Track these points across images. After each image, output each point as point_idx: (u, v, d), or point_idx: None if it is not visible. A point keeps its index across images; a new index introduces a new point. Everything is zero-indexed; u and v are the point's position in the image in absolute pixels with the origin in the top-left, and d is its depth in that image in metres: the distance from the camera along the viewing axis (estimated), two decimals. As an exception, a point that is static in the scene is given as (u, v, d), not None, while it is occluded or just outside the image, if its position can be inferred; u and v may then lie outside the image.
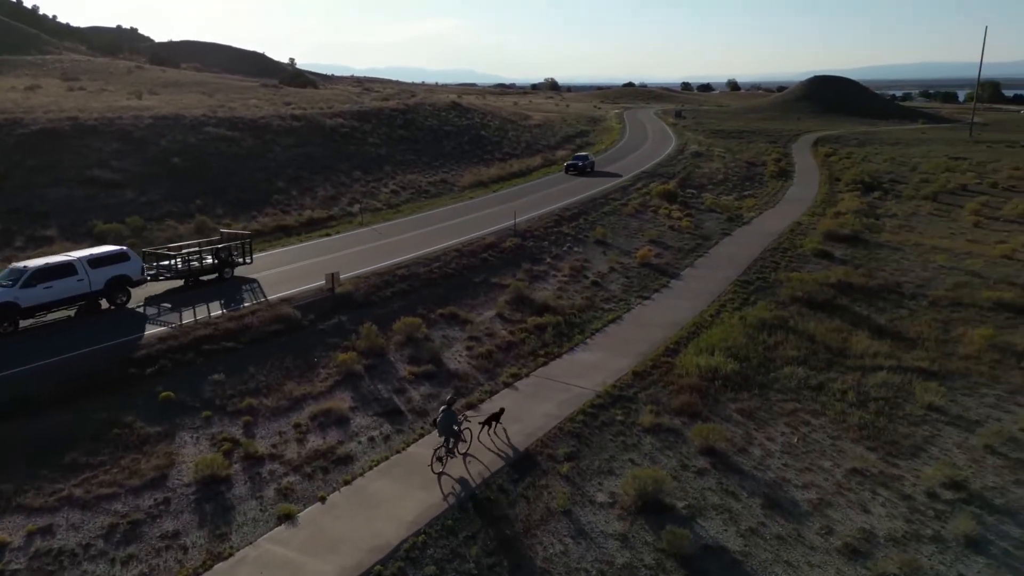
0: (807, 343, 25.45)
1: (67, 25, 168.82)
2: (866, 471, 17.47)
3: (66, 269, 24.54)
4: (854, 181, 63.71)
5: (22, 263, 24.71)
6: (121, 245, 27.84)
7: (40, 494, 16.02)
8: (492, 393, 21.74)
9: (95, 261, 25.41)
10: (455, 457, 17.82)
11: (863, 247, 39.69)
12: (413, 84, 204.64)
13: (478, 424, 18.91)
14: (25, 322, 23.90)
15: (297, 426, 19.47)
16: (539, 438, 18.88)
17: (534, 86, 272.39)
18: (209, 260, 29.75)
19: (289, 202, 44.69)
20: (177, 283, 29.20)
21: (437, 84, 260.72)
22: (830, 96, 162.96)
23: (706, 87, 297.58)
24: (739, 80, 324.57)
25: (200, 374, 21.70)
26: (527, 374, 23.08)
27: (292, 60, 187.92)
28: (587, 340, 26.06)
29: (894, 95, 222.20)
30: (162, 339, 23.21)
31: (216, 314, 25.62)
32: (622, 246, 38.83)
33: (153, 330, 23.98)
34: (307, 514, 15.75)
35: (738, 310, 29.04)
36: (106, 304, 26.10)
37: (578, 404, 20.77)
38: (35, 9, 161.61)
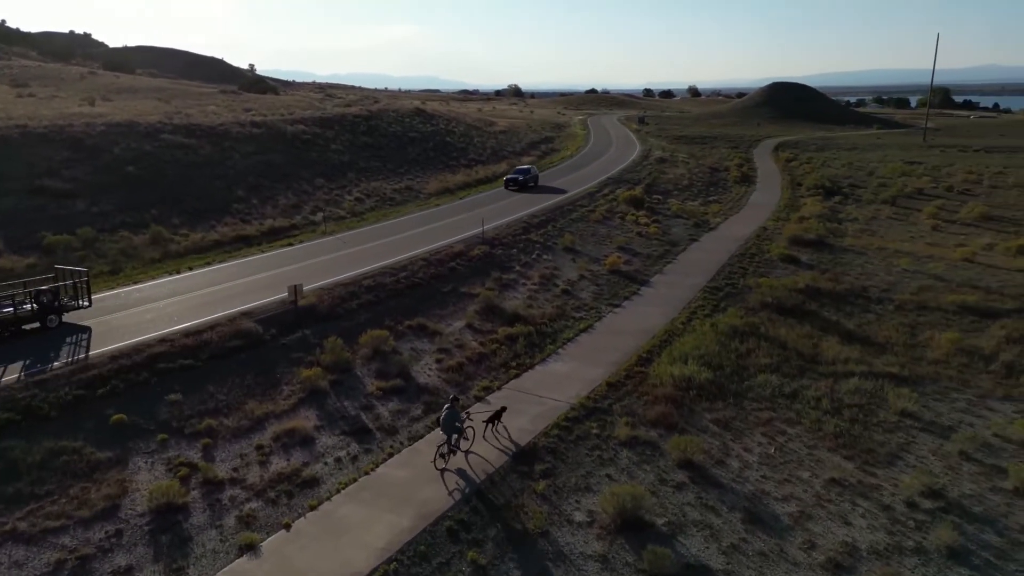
0: (779, 350, 25.34)
1: (17, 30, 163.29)
2: (844, 481, 17.26)
3: None
4: (815, 186, 64.52)
5: None
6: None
7: (-20, 529, 14.93)
8: (464, 407, 21.07)
9: None
10: (456, 454, 17.99)
11: (828, 252, 40.00)
12: (376, 90, 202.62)
13: (482, 422, 19.13)
14: None
15: (259, 448, 18.58)
16: (514, 455, 18.27)
17: (498, 92, 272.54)
18: (28, 306, 24.19)
19: (249, 211, 43.47)
20: None
21: (400, 90, 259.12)
22: (788, 102, 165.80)
23: (668, 93, 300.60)
24: (700, 87, 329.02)
25: (155, 394, 20.66)
26: (499, 387, 22.49)
27: (252, 66, 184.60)
28: (559, 350, 25.59)
29: (848, 101, 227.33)
30: (114, 357, 22.07)
31: (171, 329, 24.52)
32: (591, 253, 38.52)
33: (105, 348, 22.82)
34: (271, 543, 14.92)
35: (709, 317, 28.87)
36: None
37: (552, 418, 20.25)
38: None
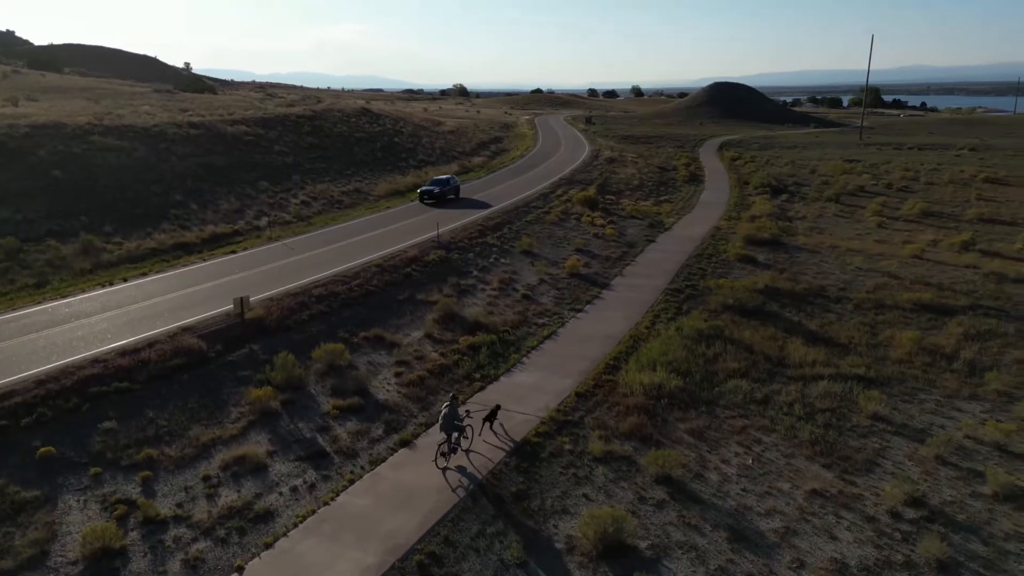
0: (746, 353, 24.92)
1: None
2: (826, 492, 16.76)
3: None
4: (762, 184, 65.27)
5: None
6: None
7: None
8: (427, 425, 19.91)
9: None
10: (456, 453, 17.90)
11: (783, 251, 40.13)
12: (319, 90, 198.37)
13: (481, 420, 19.11)
14: None
15: (206, 479, 17.06)
16: (484, 477, 17.22)
17: (443, 92, 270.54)
18: None
19: (189, 217, 41.21)
20: None
21: (343, 89, 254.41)
22: (730, 102, 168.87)
23: (611, 93, 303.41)
24: (643, 87, 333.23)
25: (87, 422, 18.88)
26: (464, 401, 21.37)
27: (188, 65, 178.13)
28: (524, 359, 24.62)
29: (785, 101, 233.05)
30: (40, 382, 20.13)
31: (105, 348, 22.63)
32: (549, 256, 37.70)
33: (29, 371, 20.82)
34: (222, 589, 13.53)
35: (672, 320, 28.35)
36: None
37: (522, 433, 19.26)
38: None
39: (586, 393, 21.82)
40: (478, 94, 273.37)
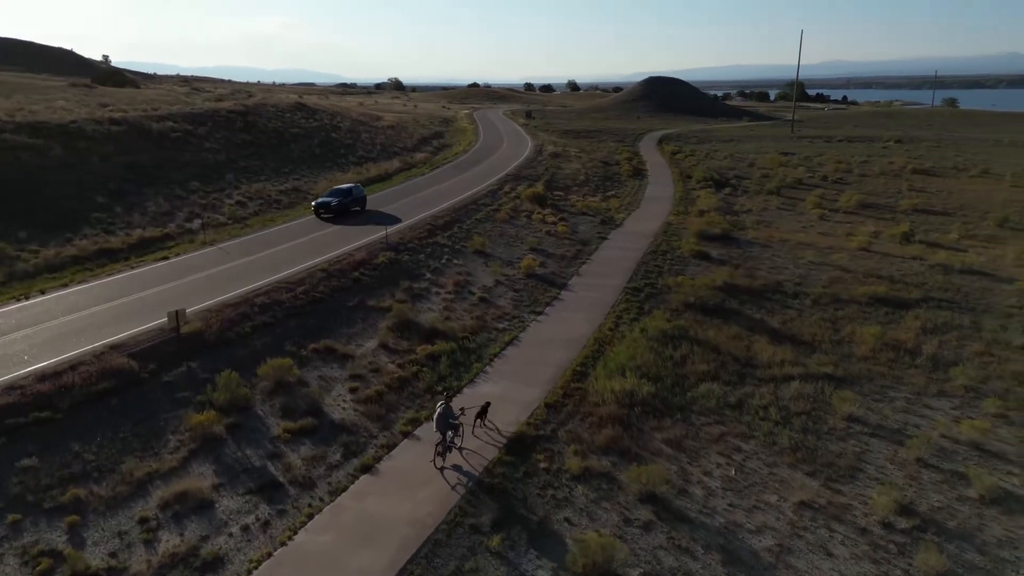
0: (714, 354, 24.29)
1: None
2: (814, 503, 16.11)
3: None
4: (704, 178, 65.68)
5: None
6: None
7: None
8: (389, 447, 18.44)
9: None
10: (452, 452, 17.58)
11: (735, 246, 39.98)
12: (248, 84, 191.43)
13: (473, 417, 18.79)
14: None
15: (143, 521, 15.19)
16: (456, 504, 15.90)
17: (378, 86, 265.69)
18: None
19: (113, 220, 38.24)
20: None
21: (274, 84, 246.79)
22: (665, 96, 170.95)
23: (548, 88, 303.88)
24: (577, 81, 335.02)
25: (2, 461, 16.67)
26: (428, 418, 19.92)
27: (106, 57, 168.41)
28: (487, 368, 23.34)
29: (716, 95, 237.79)
30: (-55, 415, 17.77)
31: (21, 372, 20.27)
32: (503, 256, 36.46)
33: (-68, 402, 18.40)
34: (168, 655, 11.85)
35: (635, 321, 27.56)
36: None
37: (493, 451, 18.00)
38: None
39: (556, 404, 20.70)
40: (414, 88, 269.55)
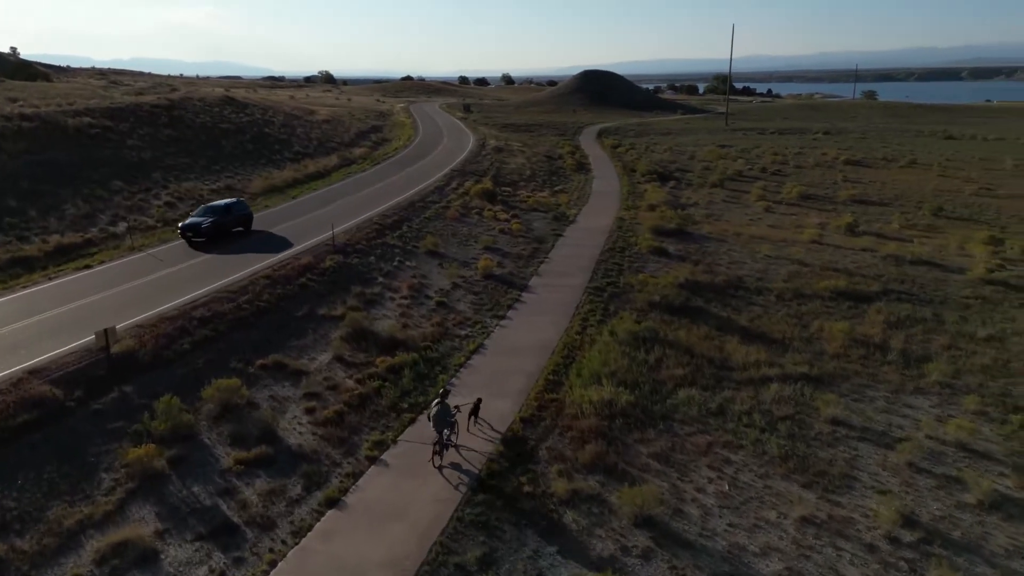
0: (687, 357, 23.41)
1: None
2: (815, 518, 15.28)
3: None
4: (648, 172, 65.51)
5: None
6: None
7: None
8: (355, 475, 16.74)
9: None
10: (449, 450, 17.19)
11: (691, 240, 39.49)
12: (170, 77, 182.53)
13: (467, 416, 18.43)
14: None
15: (77, 581, 13.15)
16: (436, 540, 14.39)
17: (308, 79, 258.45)
18: None
19: (27, 225, 34.91)
20: None
21: (198, 76, 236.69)
22: (600, 89, 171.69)
23: (482, 81, 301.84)
24: (512, 74, 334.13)
25: (-99, 516, 14.27)
26: (395, 440, 18.32)
27: (14, 49, 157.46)
28: (453, 380, 21.79)
29: (648, 88, 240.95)
30: None
31: (-76, 406, 17.66)
32: (458, 256, 34.87)
33: None
34: None
35: (602, 323, 26.50)
36: None
37: (472, 476, 16.55)
38: None
39: (532, 418, 19.38)
40: (345, 81, 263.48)
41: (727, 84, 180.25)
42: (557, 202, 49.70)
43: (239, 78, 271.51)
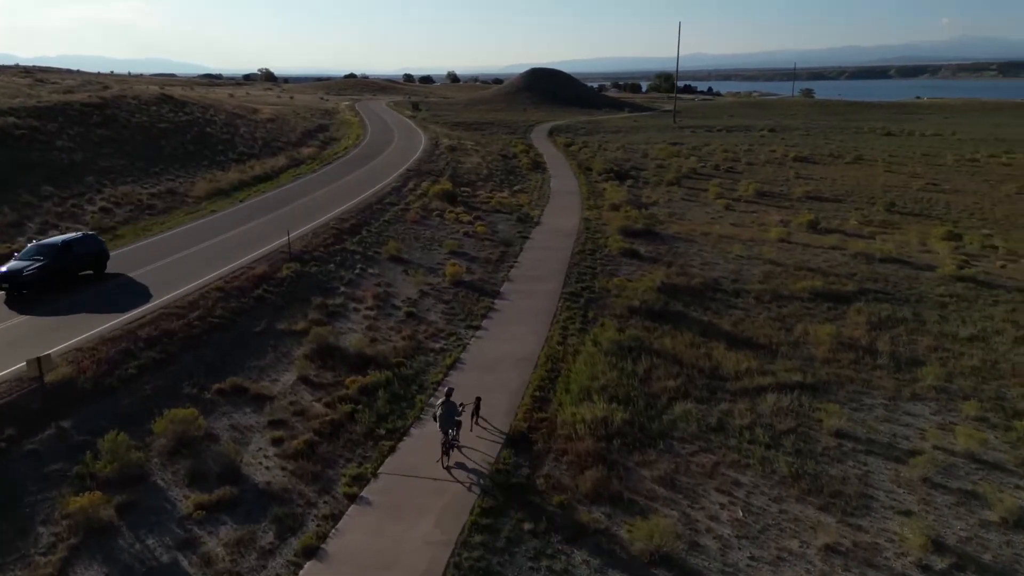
0: (677, 367, 22.28)
1: None
2: (839, 547, 14.20)
3: None
4: (605, 170, 64.82)
5: None
6: None
7: None
8: (334, 518, 14.95)
9: None
10: (454, 450, 16.85)
11: (660, 241, 38.61)
12: (100, 74, 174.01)
13: (470, 416, 18.08)
14: None
15: (13, 669, 11.09)
16: (436, 591, 12.79)
17: (247, 77, 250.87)
18: None
19: (-57, 236, 31.62)
20: None
21: (130, 74, 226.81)
22: (547, 87, 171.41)
23: (427, 79, 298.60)
24: (457, 72, 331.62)
25: None
26: (375, 473, 16.56)
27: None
28: (433, 400, 20.09)
29: (592, 87, 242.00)
30: None
31: None
32: (423, 262, 33.06)
33: None
34: None
35: (583, 331, 25.22)
36: None
37: (464, 513, 14.95)
38: None
39: (522, 441, 17.89)
40: (287, 79, 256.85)
41: (672, 82, 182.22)
42: (518, 203, 48.31)
43: (173, 76, 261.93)
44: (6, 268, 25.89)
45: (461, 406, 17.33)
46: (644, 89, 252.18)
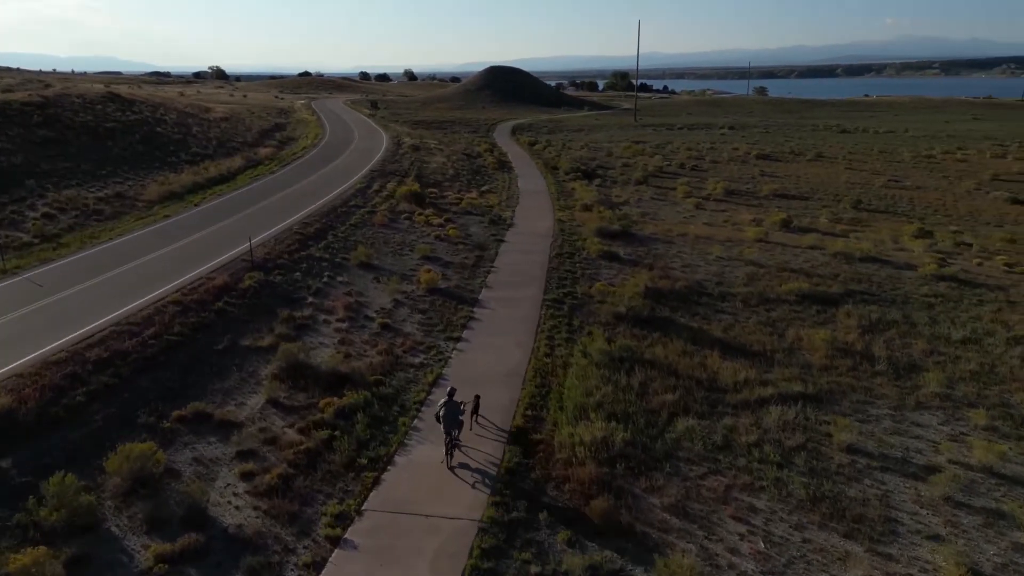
0: (672, 379, 21.10)
1: None
2: (873, 578, 13.17)
3: None
4: (572, 170, 63.87)
5: None
6: None
7: None
8: (317, 566, 13.31)
9: None
10: (457, 449, 16.59)
11: (638, 243, 37.56)
12: (42, 73, 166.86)
13: (469, 416, 17.74)
14: None
15: None
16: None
17: (197, 75, 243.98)
18: None
19: None
20: None
21: (74, 72, 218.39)
22: (507, 86, 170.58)
23: (384, 77, 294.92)
24: (414, 70, 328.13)
25: None
26: (358, 509, 14.93)
27: None
28: (417, 423, 18.57)
29: (550, 85, 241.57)
30: None
31: None
32: (395, 268, 31.32)
33: None
34: None
35: (570, 341, 23.91)
36: None
37: (463, 556, 13.46)
38: None
39: (519, 469, 16.47)
40: (239, 77, 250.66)
41: (628, 80, 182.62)
42: (488, 204, 46.83)
43: (120, 74, 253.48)
44: None
45: (463, 404, 16.90)
46: (600, 87, 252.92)
